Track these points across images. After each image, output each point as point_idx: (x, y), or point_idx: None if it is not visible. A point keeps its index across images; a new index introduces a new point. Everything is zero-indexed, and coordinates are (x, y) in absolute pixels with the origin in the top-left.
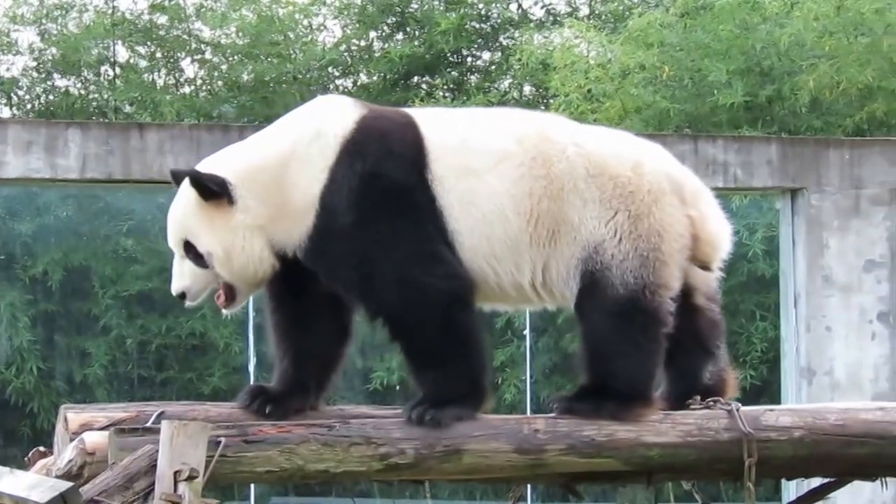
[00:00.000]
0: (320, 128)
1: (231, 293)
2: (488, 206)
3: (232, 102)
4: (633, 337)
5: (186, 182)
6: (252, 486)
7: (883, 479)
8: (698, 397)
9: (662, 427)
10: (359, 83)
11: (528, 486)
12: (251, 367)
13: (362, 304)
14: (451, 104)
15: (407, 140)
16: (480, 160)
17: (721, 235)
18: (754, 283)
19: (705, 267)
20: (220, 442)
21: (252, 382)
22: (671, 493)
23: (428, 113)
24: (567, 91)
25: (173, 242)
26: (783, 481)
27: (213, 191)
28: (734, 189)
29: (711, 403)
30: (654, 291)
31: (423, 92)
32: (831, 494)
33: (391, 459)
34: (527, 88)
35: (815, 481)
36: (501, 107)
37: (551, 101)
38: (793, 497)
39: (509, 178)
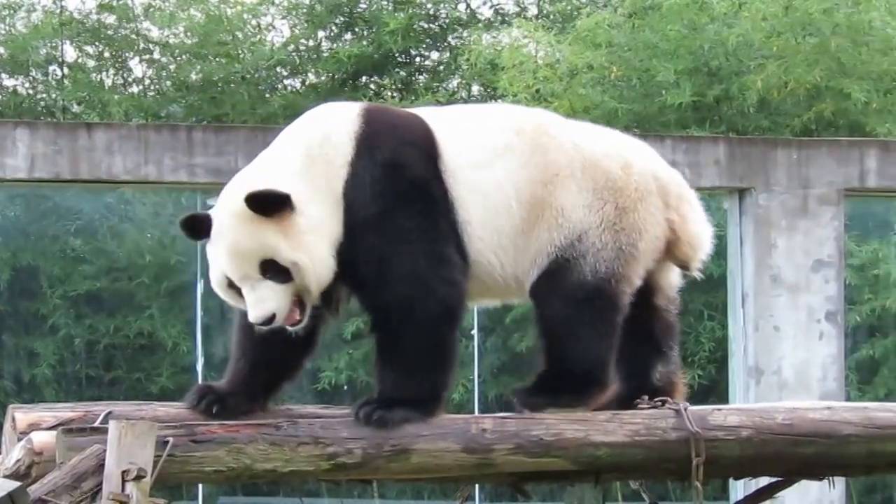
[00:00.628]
0: (327, 129)
1: (303, 306)
2: (496, 197)
3: (180, 102)
4: (592, 321)
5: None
6: (200, 485)
7: (830, 479)
8: (646, 397)
9: (610, 426)
10: (307, 83)
11: (476, 485)
12: (199, 367)
13: (368, 293)
14: (399, 104)
15: (417, 131)
16: (486, 153)
17: (702, 237)
18: (702, 283)
19: (685, 267)
20: (167, 442)
21: (200, 382)
22: (619, 493)
23: (428, 110)
24: (515, 91)
25: (246, 269)
26: (731, 480)
27: (278, 201)
28: None
29: (659, 403)
30: (619, 282)
31: (372, 92)
32: (779, 494)
33: (339, 459)
34: (475, 88)
35: (763, 480)
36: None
37: (499, 100)
38: (740, 496)
39: (513, 169)
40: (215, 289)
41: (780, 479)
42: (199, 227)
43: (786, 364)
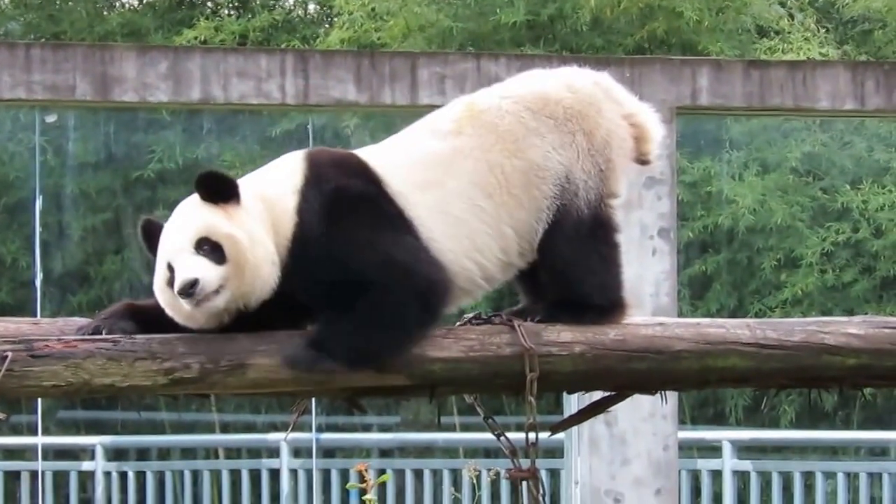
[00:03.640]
0: (278, 165)
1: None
2: (460, 206)
3: (18, 20)
4: (598, 252)
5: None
6: (39, 400)
7: (662, 393)
8: (480, 312)
9: (445, 342)
10: (144, 1)
11: (313, 399)
12: (38, 283)
13: (330, 296)
14: (236, 22)
15: (353, 162)
16: (434, 171)
17: (655, 125)
18: None
19: (645, 161)
20: (6, 357)
21: (38, 297)
22: (454, 407)
23: (360, 150)
24: (351, 10)
25: (181, 243)
26: (564, 395)
27: (226, 184)
28: None
29: (494, 319)
30: (608, 202)
31: (209, 10)
32: (611, 408)
33: (176, 374)
34: (311, 7)
35: (596, 395)
36: (285, 25)
37: (335, 19)
38: (574, 410)
39: (467, 171)
40: (156, 291)
41: (612, 393)
42: (152, 231)
43: None
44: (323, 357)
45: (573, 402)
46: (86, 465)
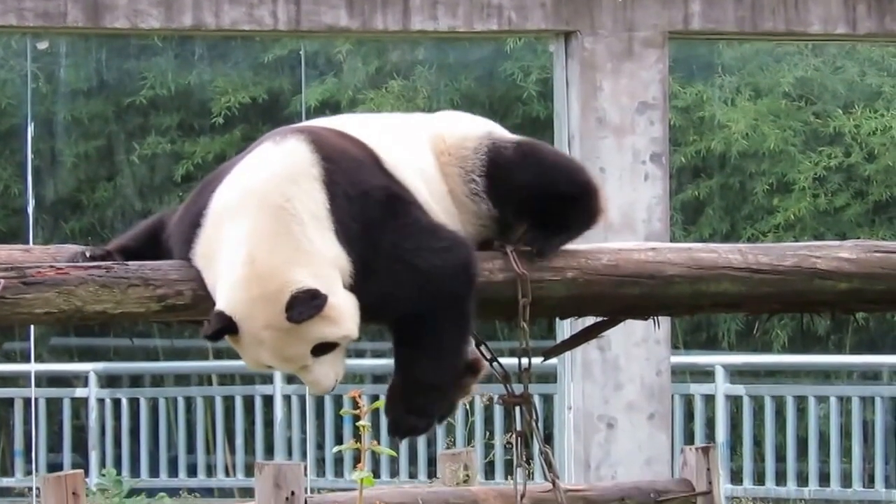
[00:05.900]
0: (293, 175)
1: None
2: (446, 202)
3: None
4: (542, 154)
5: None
6: (32, 327)
7: (655, 319)
8: None
9: None
10: None
11: None
12: (30, 209)
13: (389, 306)
14: None
15: (361, 153)
16: (429, 163)
17: None
18: (529, 125)
19: None
20: None
21: (31, 224)
22: None
23: (348, 122)
24: None
25: (300, 362)
26: (557, 320)
27: (318, 306)
28: (508, 32)
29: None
30: None
31: None
32: (604, 333)
33: (169, 301)
34: None
35: (589, 320)
36: None
37: None
38: (566, 335)
39: (430, 166)
40: (253, 368)
41: (605, 318)
42: (225, 331)
43: (611, 205)
44: (425, 412)
45: (566, 328)
46: (79, 392)
